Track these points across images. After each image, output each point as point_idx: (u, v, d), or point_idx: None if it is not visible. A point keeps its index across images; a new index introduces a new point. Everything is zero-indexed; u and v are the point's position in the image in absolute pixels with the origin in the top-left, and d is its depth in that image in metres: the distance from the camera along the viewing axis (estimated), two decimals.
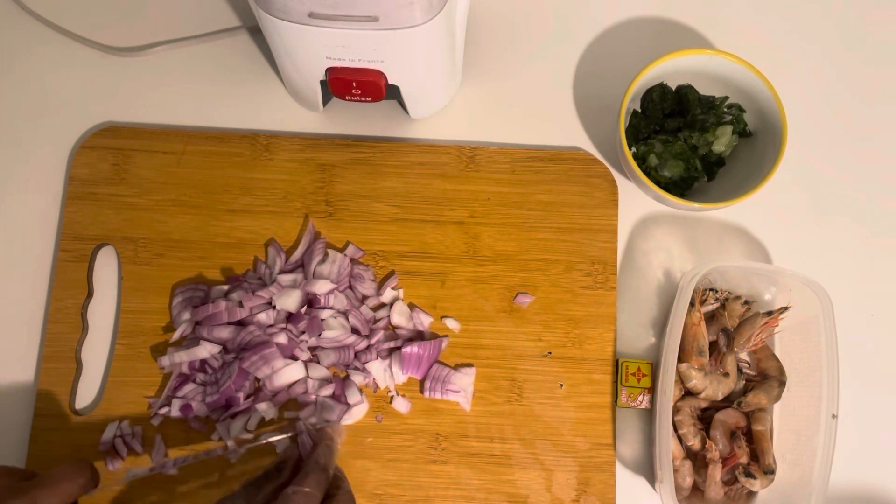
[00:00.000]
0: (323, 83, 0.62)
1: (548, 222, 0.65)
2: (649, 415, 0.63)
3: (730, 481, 0.60)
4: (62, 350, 0.62)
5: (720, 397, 0.60)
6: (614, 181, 0.66)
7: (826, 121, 0.70)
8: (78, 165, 0.65)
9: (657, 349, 0.64)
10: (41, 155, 0.67)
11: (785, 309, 0.61)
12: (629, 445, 0.63)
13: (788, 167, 0.63)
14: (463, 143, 0.67)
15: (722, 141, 0.63)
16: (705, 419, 0.62)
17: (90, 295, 0.63)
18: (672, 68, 0.63)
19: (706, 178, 0.65)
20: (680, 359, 0.60)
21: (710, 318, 0.64)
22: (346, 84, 0.59)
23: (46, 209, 0.66)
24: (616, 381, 0.62)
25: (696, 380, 0.59)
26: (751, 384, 0.62)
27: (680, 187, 0.64)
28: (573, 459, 0.61)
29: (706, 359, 0.61)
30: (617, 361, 0.63)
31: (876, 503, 0.63)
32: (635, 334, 0.65)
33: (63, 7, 0.70)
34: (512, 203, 0.65)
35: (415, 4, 0.51)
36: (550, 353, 0.63)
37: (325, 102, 0.67)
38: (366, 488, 0.60)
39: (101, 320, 0.63)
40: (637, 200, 0.67)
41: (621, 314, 0.65)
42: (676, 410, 0.60)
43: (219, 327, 0.60)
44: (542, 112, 0.69)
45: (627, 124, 0.65)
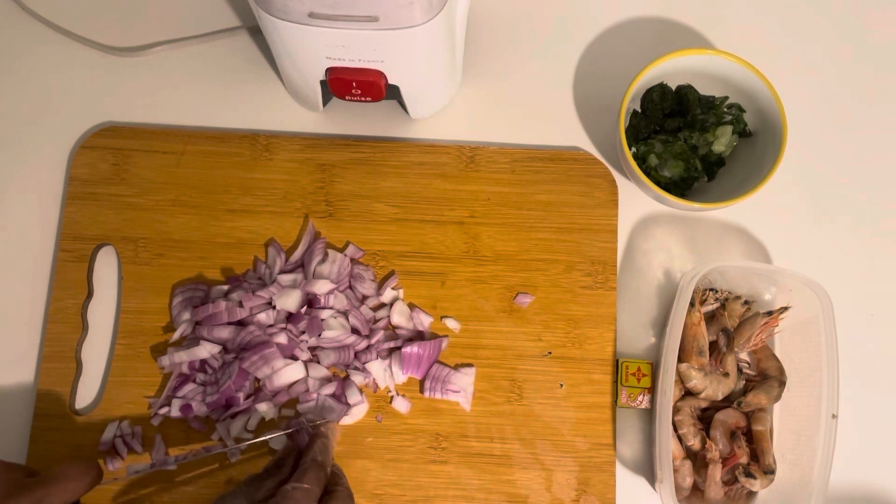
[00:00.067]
0: (323, 83, 0.62)
1: (548, 222, 0.65)
2: (649, 415, 0.63)
3: (730, 481, 0.60)
4: (62, 350, 0.62)
5: (720, 397, 0.60)
6: (614, 181, 0.66)
7: (826, 121, 0.70)
8: (78, 165, 0.65)
9: (657, 349, 0.64)
10: (41, 155, 0.67)
11: (785, 309, 0.61)
12: (629, 445, 0.63)
13: (788, 167, 0.63)
14: (463, 143, 0.67)
15: (722, 141, 0.63)
16: (705, 419, 0.62)
17: (90, 295, 0.63)
18: (672, 68, 0.63)
19: (706, 178, 0.65)
20: (680, 359, 0.60)
21: (710, 318, 0.64)
22: (346, 84, 0.59)
23: (46, 209, 0.66)
24: (616, 381, 0.62)
25: (696, 380, 0.59)
26: (751, 384, 0.62)
27: (680, 187, 0.64)
28: (573, 459, 0.61)
29: (706, 359, 0.61)
30: (617, 361, 0.63)
31: (876, 503, 0.63)
32: (635, 334, 0.65)
33: (63, 7, 0.70)
34: (512, 203, 0.65)
35: (415, 4, 0.51)
36: (550, 353, 0.63)
37: (325, 102, 0.67)
38: (366, 488, 0.60)
39: (101, 320, 0.63)
40: (637, 200, 0.67)
41: (621, 314, 0.65)
42: (676, 410, 0.60)
43: (219, 327, 0.60)
44: (542, 112, 0.69)
45: (627, 124, 0.65)
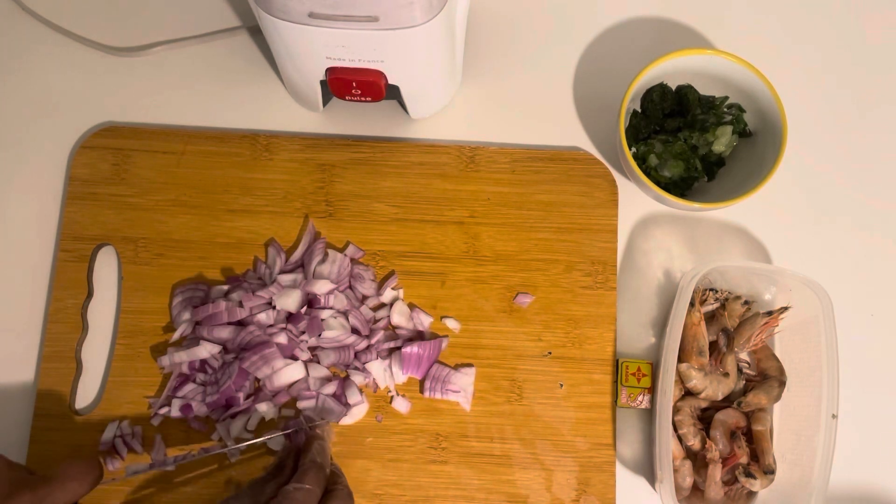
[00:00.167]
0: (323, 83, 0.62)
1: (548, 222, 0.65)
2: (649, 415, 0.63)
3: (730, 481, 0.60)
4: (62, 350, 0.62)
5: (720, 397, 0.60)
6: (614, 181, 0.66)
7: (826, 121, 0.70)
8: (78, 165, 0.65)
9: (657, 349, 0.64)
10: (41, 155, 0.67)
11: (785, 309, 0.61)
12: (629, 445, 0.63)
13: (788, 167, 0.63)
14: (463, 143, 0.67)
15: (722, 141, 0.63)
16: (705, 419, 0.62)
17: (90, 295, 0.63)
18: (672, 68, 0.63)
19: (706, 178, 0.65)
20: (680, 359, 0.60)
21: (710, 318, 0.64)
22: (346, 84, 0.59)
23: (46, 209, 0.66)
24: (616, 381, 0.62)
25: (696, 380, 0.59)
26: (751, 384, 0.62)
27: (680, 187, 0.64)
28: (573, 459, 0.61)
29: (706, 359, 0.61)
30: (617, 361, 0.63)
31: (876, 503, 0.63)
32: (635, 334, 0.65)
33: (63, 7, 0.70)
34: (512, 203, 0.65)
35: (415, 4, 0.51)
36: (550, 353, 0.63)
37: (325, 102, 0.67)
38: (366, 488, 0.60)
39: (101, 320, 0.63)
40: (637, 200, 0.67)
41: (621, 314, 0.65)
42: (676, 410, 0.60)
43: (219, 327, 0.60)
44: (542, 112, 0.69)
45: (627, 124, 0.65)
